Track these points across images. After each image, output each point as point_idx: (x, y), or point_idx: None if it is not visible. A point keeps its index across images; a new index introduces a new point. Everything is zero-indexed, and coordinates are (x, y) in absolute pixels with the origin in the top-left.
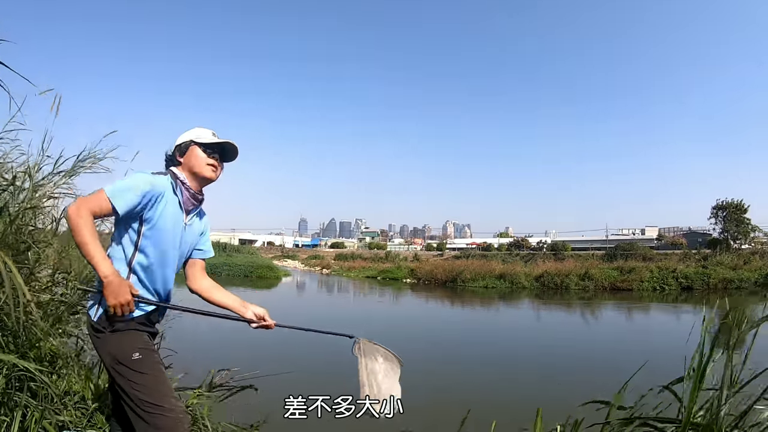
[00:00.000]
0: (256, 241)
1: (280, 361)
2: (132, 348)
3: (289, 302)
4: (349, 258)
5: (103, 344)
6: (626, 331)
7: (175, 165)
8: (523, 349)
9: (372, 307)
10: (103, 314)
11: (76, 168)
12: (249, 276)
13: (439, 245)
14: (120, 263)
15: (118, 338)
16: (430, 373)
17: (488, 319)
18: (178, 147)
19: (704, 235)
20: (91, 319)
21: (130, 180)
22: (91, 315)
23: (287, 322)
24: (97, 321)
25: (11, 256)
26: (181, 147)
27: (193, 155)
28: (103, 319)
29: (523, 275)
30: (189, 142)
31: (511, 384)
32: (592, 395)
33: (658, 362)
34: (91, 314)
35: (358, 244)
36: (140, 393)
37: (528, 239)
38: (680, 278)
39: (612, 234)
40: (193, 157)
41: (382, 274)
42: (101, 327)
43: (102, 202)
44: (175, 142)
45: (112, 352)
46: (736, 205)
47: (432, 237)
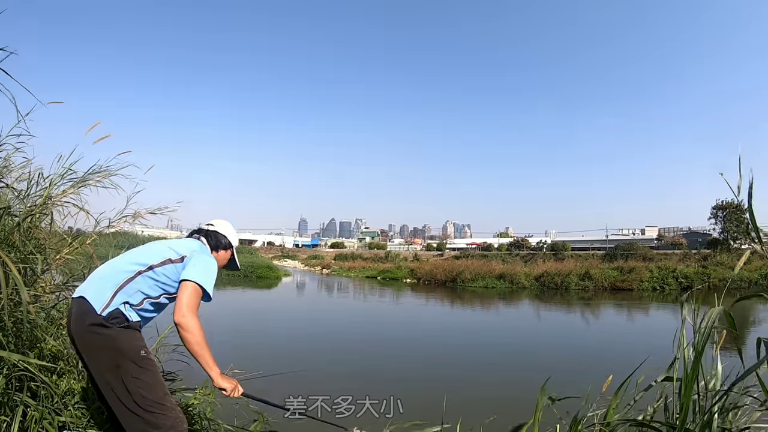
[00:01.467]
0: (256, 241)
1: (281, 361)
2: (140, 345)
3: (290, 302)
4: (349, 258)
5: (109, 339)
6: (627, 331)
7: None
8: (523, 350)
9: (371, 308)
10: (114, 311)
11: (85, 180)
12: (249, 276)
13: (439, 245)
14: (139, 296)
15: (128, 334)
16: (430, 373)
17: (488, 319)
18: (220, 238)
19: (704, 235)
20: (97, 314)
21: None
22: (98, 310)
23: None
24: (106, 317)
25: (17, 257)
26: (224, 243)
27: (226, 254)
28: (113, 315)
29: (523, 275)
30: (230, 244)
31: (510, 384)
32: (592, 395)
33: (658, 362)
34: (97, 309)
35: (358, 244)
36: (143, 390)
37: (528, 239)
38: (680, 278)
39: (612, 234)
40: (225, 255)
41: (382, 274)
42: (108, 323)
43: (198, 297)
44: (219, 230)
45: (121, 347)
46: (736, 205)
47: (432, 237)
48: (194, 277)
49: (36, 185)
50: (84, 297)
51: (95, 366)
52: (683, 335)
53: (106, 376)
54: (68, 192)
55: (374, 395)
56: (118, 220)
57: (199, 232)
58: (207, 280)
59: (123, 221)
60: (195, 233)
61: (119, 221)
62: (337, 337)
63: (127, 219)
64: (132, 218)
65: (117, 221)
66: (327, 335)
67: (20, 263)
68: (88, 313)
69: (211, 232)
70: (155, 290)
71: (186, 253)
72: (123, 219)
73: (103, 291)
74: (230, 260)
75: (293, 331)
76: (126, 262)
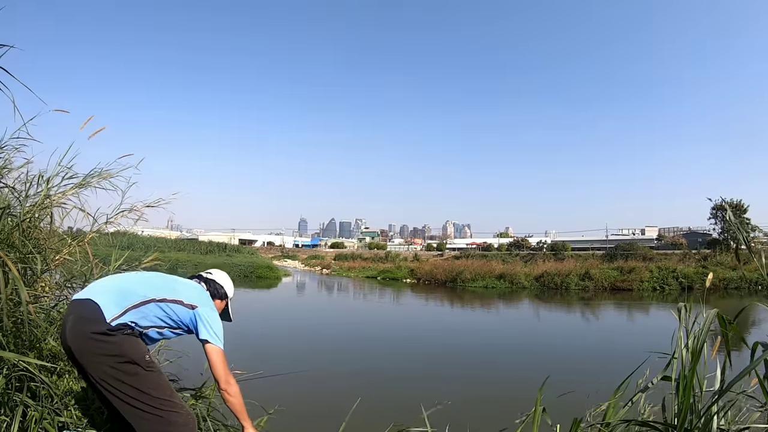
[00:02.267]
0: (256, 241)
1: (282, 362)
2: (144, 349)
3: (290, 303)
4: (349, 258)
5: (114, 346)
6: (626, 331)
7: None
8: (523, 350)
9: (371, 308)
10: (123, 324)
11: (85, 181)
12: (249, 276)
13: (439, 245)
14: (147, 321)
15: (133, 341)
16: (430, 372)
17: (488, 319)
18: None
19: (704, 235)
20: (106, 322)
21: (219, 323)
22: (107, 319)
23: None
24: (115, 326)
25: (17, 257)
26: (220, 293)
27: (221, 304)
28: (121, 324)
29: (523, 275)
30: (226, 295)
31: (508, 384)
32: (593, 395)
33: (658, 363)
34: (107, 318)
35: (358, 244)
36: (153, 391)
37: (528, 239)
38: (680, 278)
39: (612, 234)
40: (221, 305)
41: (382, 274)
42: (113, 332)
43: (224, 358)
44: (218, 280)
45: (127, 352)
46: (736, 205)
47: (432, 237)
48: (216, 341)
49: (36, 185)
50: (95, 301)
51: (97, 371)
52: (681, 336)
53: (111, 380)
54: (68, 193)
55: (375, 395)
56: (115, 216)
57: (199, 278)
58: (221, 337)
59: (120, 216)
60: (195, 278)
61: (116, 217)
62: (338, 337)
63: (124, 214)
64: (128, 212)
65: (114, 217)
66: (327, 335)
67: (20, 263)
68: (95, 321)
69: (210, 280)
70: (163, 322)
71: (196, 303)
72: (120, 214)
73: (118, 303)
74: (224, 311)
75: (294, 331)
76: (139, 284)
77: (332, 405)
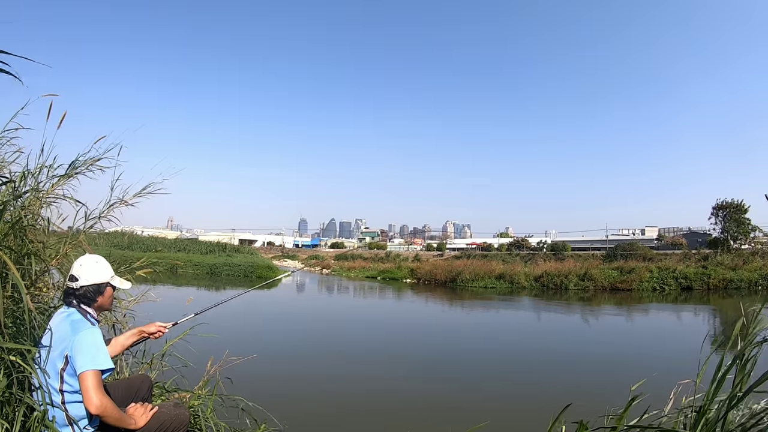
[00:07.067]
0: (256, 241)
1: (282, 362)
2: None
3: (290, 303)
4: (349, 258)
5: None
6: (627, 332)
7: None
8: (523, 350)
9: (371, 308)
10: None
11: (70, 173)
12: (249, 276)
13: (439, 245)
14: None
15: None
16: (431, 374)
17: (488, 320)
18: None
19: (704, 235)
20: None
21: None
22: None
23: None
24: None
25: (13, 258)
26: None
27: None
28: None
29: (523, 275)
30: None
31: (511, 387)
32: (594, 398)
33: (659, 365)
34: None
35: (358, 244)
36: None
37: (528, 239)
38: (680, 278)
39: (612, 234)
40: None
41: (383, 274)
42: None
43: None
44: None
45: None
46: (736, 205)
47: (432, 237)
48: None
49: (22, 180)
50: None
51: None
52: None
53: None
54: (57, 185)
55: (375, 395)
56: (106, 209)
57: (68, 296)
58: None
59: (113, 209)
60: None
61: (109, 210)
62: (338, 337)
63: (116, 205)
64: (120, 203)
65: (106, 210)
66: (327, 336)
67: (19, 264)
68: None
69: (79, 290)
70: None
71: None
72: (112, 207)
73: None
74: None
75: (294, 331)
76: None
77: (329, 409)
